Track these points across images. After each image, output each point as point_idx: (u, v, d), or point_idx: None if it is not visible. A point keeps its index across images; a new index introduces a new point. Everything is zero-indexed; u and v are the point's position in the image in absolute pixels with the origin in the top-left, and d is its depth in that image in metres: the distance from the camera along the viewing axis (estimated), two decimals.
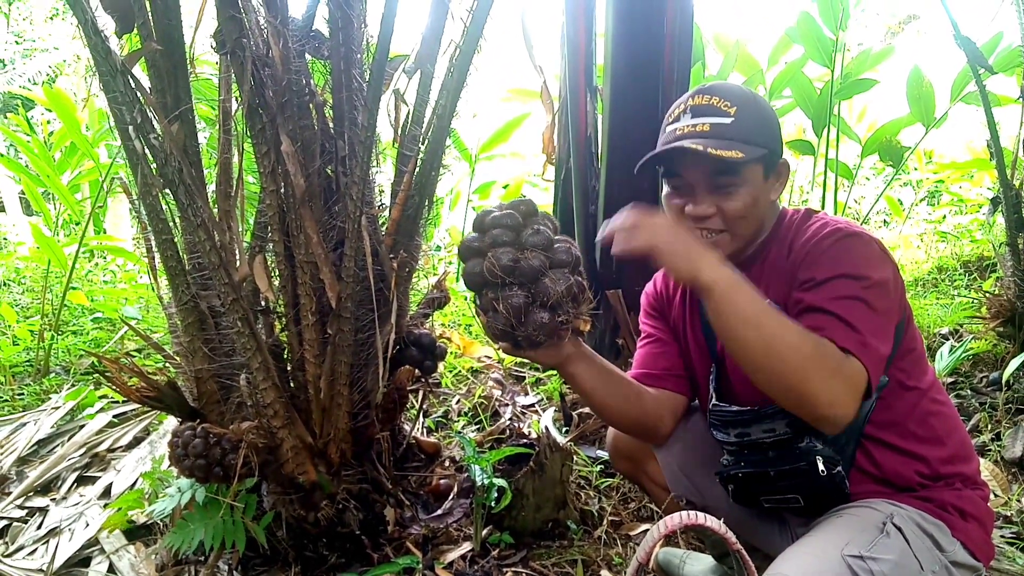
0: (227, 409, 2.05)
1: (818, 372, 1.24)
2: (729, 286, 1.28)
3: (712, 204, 1.48)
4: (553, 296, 1.27)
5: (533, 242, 1.30)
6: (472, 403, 3.20)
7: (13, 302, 5.09)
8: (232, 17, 1.72)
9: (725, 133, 1.44)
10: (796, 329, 1.28)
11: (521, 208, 1.37)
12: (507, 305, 1.27)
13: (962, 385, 3.33)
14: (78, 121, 4.50)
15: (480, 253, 1.31)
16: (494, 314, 1.29)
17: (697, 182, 1.49)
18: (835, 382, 1.25)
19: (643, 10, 2.86)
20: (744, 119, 1.46)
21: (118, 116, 1.80)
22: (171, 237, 1.95)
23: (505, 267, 1.27)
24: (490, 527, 2.18)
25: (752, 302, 1.28)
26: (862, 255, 1.38)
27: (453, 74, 2.00)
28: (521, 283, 1.29)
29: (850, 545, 1.29)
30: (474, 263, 1.31)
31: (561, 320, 1.29)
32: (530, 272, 1.28)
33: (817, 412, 1.27)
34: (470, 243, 1.34)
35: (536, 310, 1.29)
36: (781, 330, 1.26)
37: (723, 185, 1.47)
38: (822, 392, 1.24)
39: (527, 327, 1.29)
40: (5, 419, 3.21)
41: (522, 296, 1.28)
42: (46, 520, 2.42)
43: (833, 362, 1.26)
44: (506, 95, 5.30)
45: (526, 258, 1.28)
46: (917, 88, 4.60)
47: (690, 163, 1.48)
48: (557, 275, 1.29)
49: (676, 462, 1.73)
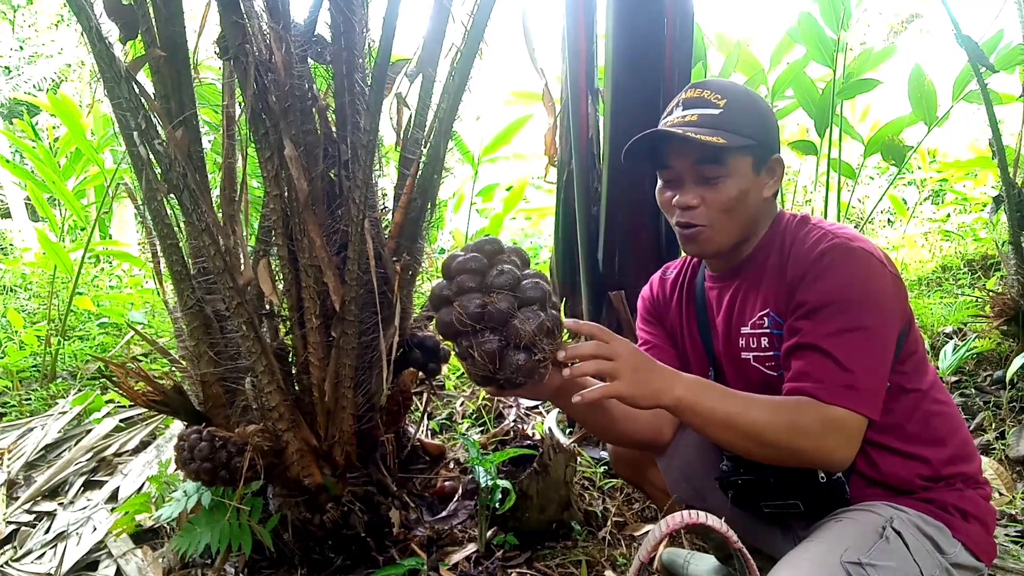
0: (233, 412, 2.06)
1: (803, 441, 1.31)
2: (691, 400, 1.32)
3: (697, 195, 1.48)
4: (526, 336, 1.23)
5: (499, 283, 1.27)
6: (476, 405, 3.21)
7: (20, 308, 5.12)
8: (235, 23, 1.73)
9: (711, 122, 1.45)
10: (769, 409, 1.32)
11: (486, 248, 1.34)
12: (481, 352, 1.24)
13: (966, 384, 3.33)
14: (83, 127, 4.52)
15: (448, 301, 1.29)
16: (472, 360, 1.26)
17: (685, 171, 1.49)
18: (824, 441, 1.31)
19: (643, 12, 2.86)
20: (733, 110, 1.47)
21: (123, 122, 1.82)
22: (176, 242, 1.96)
23: (473, 314, 1.24)
24: (494, 528, 2.19)
25: (719, 405, 1.33)
26: (861, 272, 1.38)
27: (455, 77, 2.01)
28: (492, 327, 1.26)
29: (849, 551, 1.29)
30: (444, 312, 1.28)
31: (538, 358, 1.26)
32: (499, 316, 1.25)
33: (819, 467, 1.38)
34: (439, 292, 1.31)
35: (511, 352, 1.26)
36: (753, 417, 1.31)
37: (709, 176, 1.47)
38: (814, 454, 1.32)
39: (505, 370, 1.26)
40: (13, 424, 3.23)
41: (495, 341, 1.25)
42: (54, 524, 2.44)
43: (817, 425, 1.30)
44: (508, 98, 5.30)
45: (493, 302, 1.25)
46: (919, 87, 4.59)
47: (675, 151, 1.49)
48: (527, 314, 1.25)
49: (677, 467, 1.73)
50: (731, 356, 1.59)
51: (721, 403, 1.33)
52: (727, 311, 1.60)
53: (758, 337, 1.53)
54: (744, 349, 1.55)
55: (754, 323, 1.53)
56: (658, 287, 1.81)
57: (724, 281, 1.62)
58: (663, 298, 1.78)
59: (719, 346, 1.63)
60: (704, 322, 1.66)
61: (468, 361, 1.28)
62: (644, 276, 1.93)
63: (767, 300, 1.51)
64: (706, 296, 1.67)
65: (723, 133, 1.43)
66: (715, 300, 1.64)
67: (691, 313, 1.69)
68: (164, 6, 1.86)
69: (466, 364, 1.29)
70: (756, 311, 1.53)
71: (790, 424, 1.30)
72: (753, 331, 1.54)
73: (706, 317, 1.66)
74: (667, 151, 1.51)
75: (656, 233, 2.95)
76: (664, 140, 1.50)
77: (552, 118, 3.37)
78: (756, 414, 1.31)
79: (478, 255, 1.31)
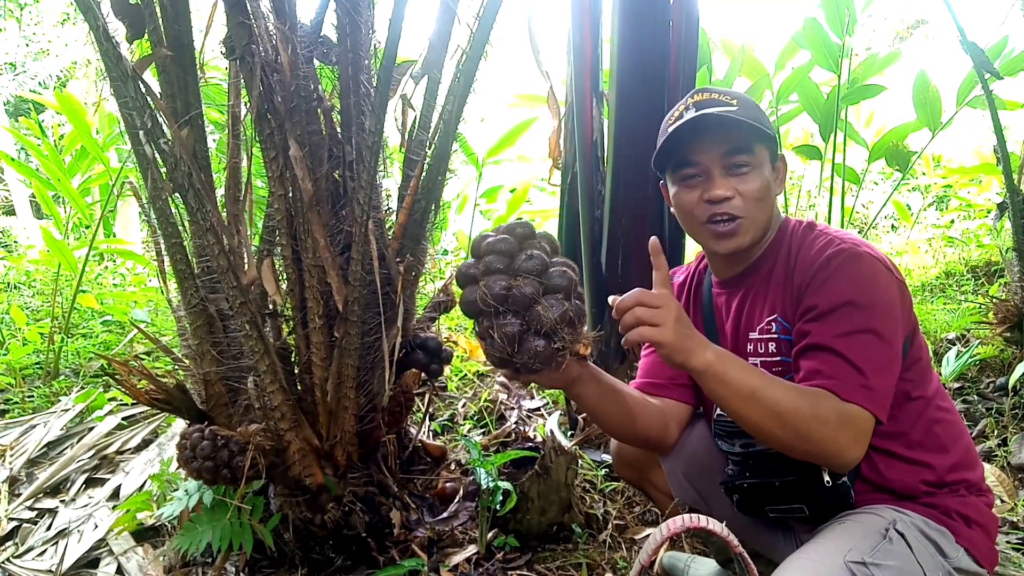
0: (235, 411, 2.06)
1: (821, 429, 1.28)
2: (719, 367, 1.30)
3: (730, 187, 1.48)
4: (547, 324, 1.24)
5: (527, 268, 1.27)
6: (478, 406, 3.21)
7: (23, 305, 5.13)
8: (241, 23, 1.74)
9: (734, 116, 1.46)
10: (792, 392, 1.31)
11: (517, 231, 1.34)
12: (501, 334, 1.24)
13: (969, 390, 3.32)
14: (88, 125, 4.53)
15: (474, 280, 1.29)
16: (491, 341, 1.27)
17: (712, 164, 1.49)
18: (840, 434, 1.29)
19: (649, 16, 2.87)
20: (745, 108, 1.49)
21: (129, 121, 1.82)
22: (180, 241, 1.96)
23: (497, 296, 1.25)
24: (495, 530, 2.19)
25: (744, 377, 1.31)
26: (868, 277, 1.39)
27: (460, 79, 2.02)
28: (515, 311, 1.26)
29: (853, 551, 1.29)
30: (469, 291, 1.29)
31: (557, 347, 1.26)
32: (523, 300, 1.25)
33: (827, 462, 1.36)
34: (465, 270, 1.31)
35: (531, 338, 1.26)
36: (777, 396, 1.29)
37: (738, 165, 1.48)
38: (828, 445, 1.29)
39: (523, 355, 1.26)
40: (15, 421, 3.24)
41: (516, 324, 1.25)
42: (55, 522, 2.44)
43: (834, 416, 1.29)
44: (513, 100, 5.31)
45: (519, 285, 1.25)
46: (923, 93, 4.59)
47: (702, 146, 1.49)
48: (551, 301, 1.25)
49: (680, 470, 1.73)
50: None
51: (748, 376, 1.31)
52: (735, 317, 1.60)
53: (766, 342, 1.53)
54: (752, 355, 1.55)
55: (762, 328, 1.54)
56: None
57: (731, 287, 1.63)
58: None
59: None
60: (712, 328, 1.66)
61: (487, 341, 1.28)
62: (647, 279, 1.93)
63: (774, 305, 1.51)
64: (714, 302, 1.67)
65: (752, 121, 1.45)
66: (723, 306, 1.65)
67: (698, 319, 1.69)
68: (171, 6, 1.87)
69: (484, 344, 1.29)
70: (764, 316, 1.53)
71: (812, 409, 1.28)
72: (761, 336, 1.54)
73: (714, 323, 1.66)
74: (691, 148, 1.50)
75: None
76: (697, 131, 1.48)
77: (557, 121, 3.38)
78: (781, 394, 1.30)
79: (508, 237, 1.32)
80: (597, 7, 3.07)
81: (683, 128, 1.48)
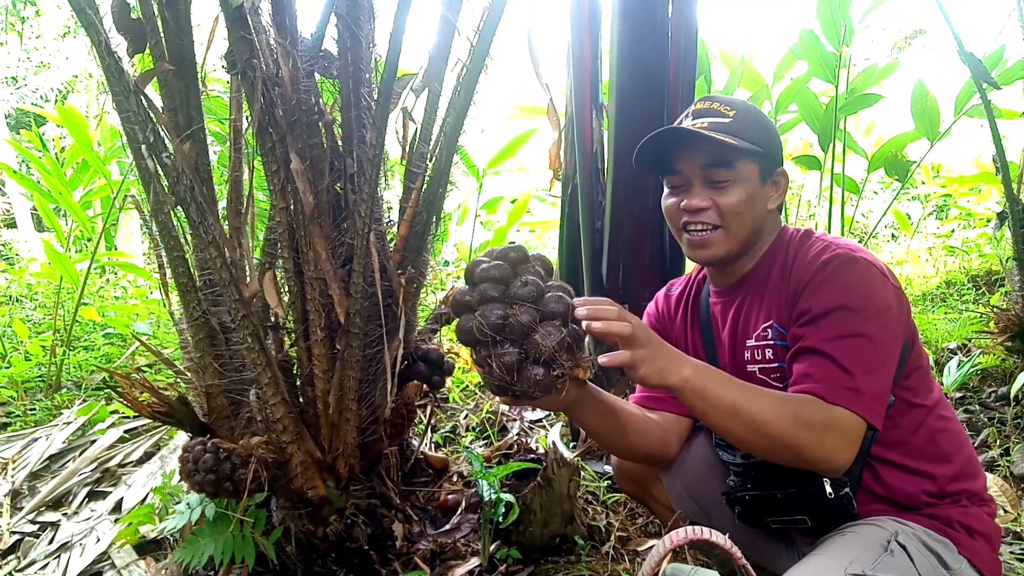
0: (237, 424, 2.06)
1: (805, 435, 1.29)
2: (698, 383, 1.30)
3: (707, 198, 1.51)
4: (546, 352, 1.22)
5: (522, 295, 1.26)
6: (480, 418, 3.21)
7: (25, 318, 5.14)
8: (243, 38, 1.75)
9: (721, 128, 1.48)
10: (775, 400, 1.32)
11: (511, 256, 1.33)
12: (500, 363, 1.23)
13: (970, 400, 3.32)
14: (90, 138, 4.54)
15: (470, 308, 1.28)
16: (489, 370, 1.25)
17: (693, 175, 1.52)
18: (826, 438, 1.29)
19: (648, 28, 2.88)
20: (742, 120, 1.50)
21: (131, 135, 1.83)
22: (182, 254, 1.97)
23: (494, 325, 1.23)
24: (498, 542, 2.19)
25: (724, 391, 1.31)
26: (863, 282, 1.39)
27: (460, 92, 2.03)
28: (512, 340, 1.24)
29: (854, 564, 1.29)
30: (465, 319, 1.27)
31: (557, 374, 1.24)
32: (520, 329, 1.24)
33: (815, 468, 1.34)
34: (460, 298, 1.30)
35: (530, 366, 1.24)
36: (759, 407, 1.30)
37: (718, 180, 1.50)
38: (814, 451, 1.29)
39: (522, 383, 1.24)
40: (17, 434, 3.24)
41: (515, 353, 1.24)
42: (57, 535, 2.44)
43: (820, 420, 1.29)
44: (513, 112, 5.32)
45: (515, 314, 1.24)
46: (921, 102, 4.61)
47: (684, 156, 1.52)
48: (548, 329, 1.24)
49: (681, 483, 1.73)
50: (737, 370, 1.59)
51: (727, 389, 1.32)
52: (732, 325, 1.61)
53: (763, 349, 1.53)
54: (750, 362, 1.56)
55: (758, 335, 1.54)
56: (663, 303, 1.82)
57: (728, 295, 1.63)
58: (668, 314, 1.79)
59: (725, 360, 1.63)
60: (709, 337, 1.67)
61: (485, 370, 1.27)
62: (648, 290, 1.94)
63: (770, 312, 1.52)
64: (711, 311, 1.68)
65: (733, 138, 1.46)
66: (720, 315, 1.65)
67: (696, 328, 1.70)
68: (173, 20, 1.88)
69: (483, 372, 1.28)
70: (760, 323, 1.54)
71: (794, 417, 1.29)
72: (758, 343, 1.55)
73: (711, 332, 1.67)
74: (676, 156, 1.53)
75: (660, 248, 2.96)
76: (675, 142, 1.52)
77: (557, 132, 3.39)
78: (762, 403, 1.30)
79: (502, 263, 1.31)
80: (596, 19, 3.09)
81: (663, 135, 1.52)
